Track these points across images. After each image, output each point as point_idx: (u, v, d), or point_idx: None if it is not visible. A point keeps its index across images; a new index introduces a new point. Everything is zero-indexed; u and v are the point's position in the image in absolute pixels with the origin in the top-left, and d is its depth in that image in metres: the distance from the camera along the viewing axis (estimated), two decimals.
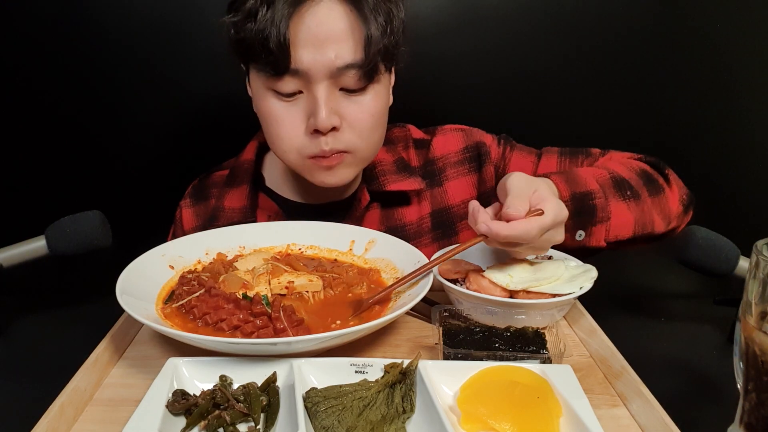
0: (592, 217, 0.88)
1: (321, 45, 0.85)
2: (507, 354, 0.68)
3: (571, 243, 0.89)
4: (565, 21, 1.33)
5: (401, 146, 1.12)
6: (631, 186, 0.93)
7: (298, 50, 0.85)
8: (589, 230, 0.88)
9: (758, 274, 0.53)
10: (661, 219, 0.94)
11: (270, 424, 0.59)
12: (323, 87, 0.88)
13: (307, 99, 0.90)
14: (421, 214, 1.09)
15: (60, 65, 1.34)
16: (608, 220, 0.88)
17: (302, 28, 0.85)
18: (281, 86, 0.89)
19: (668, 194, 0.98)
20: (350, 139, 0.93)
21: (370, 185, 1.06)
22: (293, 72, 0.87)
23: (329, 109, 0.88)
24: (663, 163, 1.02)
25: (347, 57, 0.86)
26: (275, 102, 0.91)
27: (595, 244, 0.89)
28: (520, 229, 0.73)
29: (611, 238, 0.89)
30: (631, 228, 0.91)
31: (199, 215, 1.12)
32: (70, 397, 0.62)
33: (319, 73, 0.87)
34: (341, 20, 0.86)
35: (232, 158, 1.15)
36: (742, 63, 1.36)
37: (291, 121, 0.92)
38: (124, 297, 0.72)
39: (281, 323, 0.72)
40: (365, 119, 0.93)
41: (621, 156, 1.05)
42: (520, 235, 0.74)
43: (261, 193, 1.10)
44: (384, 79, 0.94)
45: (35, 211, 1.40)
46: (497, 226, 0.74)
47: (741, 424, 0.57)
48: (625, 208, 0.91)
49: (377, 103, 0.93)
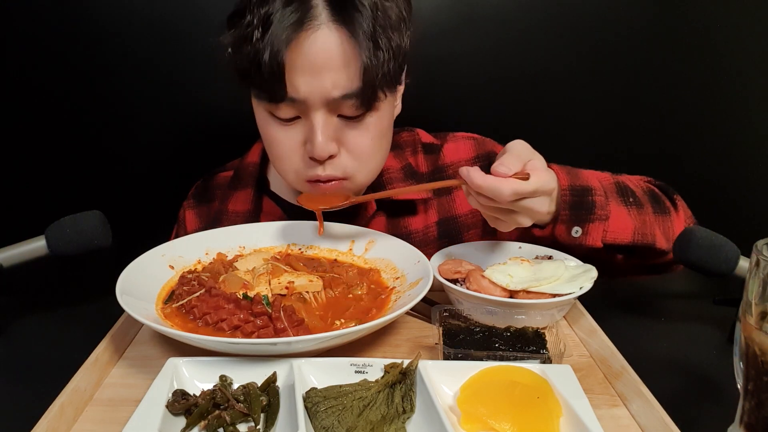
0: (589, 214, 0.87)
1: (317, 73, 0.82)
2: (507, 354, 0.68)
3: (567, 239, 0.88)
4: (566, 22, 1.33)
5: (409, 151, 1.10)
6: (634, 194, 0.92)
7: (294, 78, 0.83)
8: (586, 228, 0.87)
9: (758, 274, 0.53)
10: (664, 238, 0.93)
11: (270, 424, 0.59)
12: (320, 114, 0.86)
13: (304, 124, 0.88)
14: (427, 222, 1.07)
15: (60, 65, 1.34)
16: (606, 220, 0.88)
17: (299, 56, 0.82)
18: (279, 112, 0.87)
19: (674, 218, 0.96)
20: (348, 166, 0.91)
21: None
22: (289, 100, 0.85)
23: (326, 137, 0.86)
24: (672, 189, 1.01)
25: (344, 86, 0.84)
26: (274, 125, 0.90)
27: (591, 243, 0.88)
28: (493, 184, 0.74)
29: (609, 240, 0.88)
30: (630, 233, 0.89)
31: (203, 217, 1.11)
32: (70, 397, 0.62)
33: (316, 102, 0.85)
34: (339, 49, 0.82)
35: (236, 159, 1.14)
36: (741, 63, 1.37)
37: (289, 145, 0.90)
38: (124, 297, 0.72)
39: (281, 323, 0.72)
40: (364, 145, 0.90)
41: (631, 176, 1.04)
42: (491, 188, 0.74)
43: (265, 196, 1.09)
44: (385, 102, 0.90)
45: (35, 211, 1.40)
46: (475, 173, 0.75)
47: (741, 424, 0.57)
48: (626, 213, 0.90)
49: (377, 128, 0.91)
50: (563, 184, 0.87)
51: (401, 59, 0.88)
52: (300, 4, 0.81)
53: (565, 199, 0.86)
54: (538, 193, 0.78)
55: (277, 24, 0.80)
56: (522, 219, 0.82)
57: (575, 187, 0.87)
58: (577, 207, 0.87)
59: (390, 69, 0.85)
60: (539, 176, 0.77)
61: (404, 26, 0.88)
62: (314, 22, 0.81)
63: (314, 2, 0.82)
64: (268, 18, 0.80)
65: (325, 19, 0.82)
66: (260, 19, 0.81)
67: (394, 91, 0.93)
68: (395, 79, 0.90)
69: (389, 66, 0.85)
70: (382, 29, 0.83)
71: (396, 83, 0.92)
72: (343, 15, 0.82)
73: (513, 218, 0.81)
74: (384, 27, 0.83)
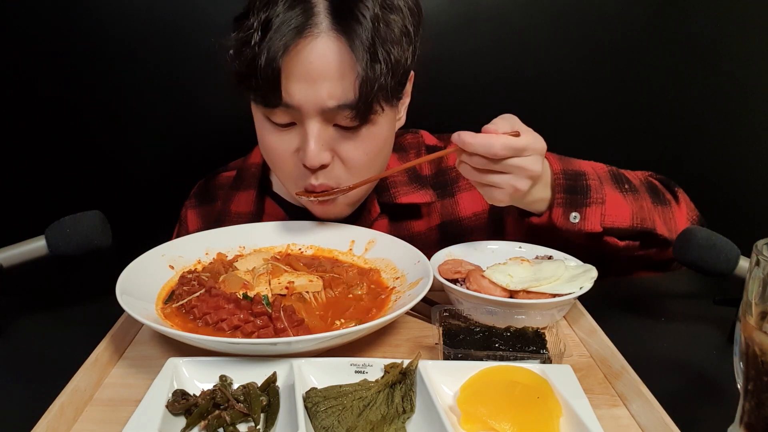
0: (585, 198, 0.87)
1: (314, 82, 0.81)
2: (507, 354, 0.68)
3: (565, 224, 0.88)
4: (566, 22, 1.33)
5: (413, 153, 1.09)
6: (629, 181, 0.93)
7: (290, 85, 0.82)
8: (584, 212, 0.87)
9: (758, 274, 0.53)
10: (666, 227, 0.93)
11: (270, 424, 0.59)
12: (315, 123, 0.85)
13: (299, 131, 0.88)
14: (430, 225, 1.07)
15: (61, 65, 1.34)
16: (603, 204, 0.88)
17: (296, 63, 0.81)
18: (274, 117, 0.87)
19: (674, 209, 0.96)
20: (341, 176, 0.90)
21: (381, 196, 1.04)
22: (285, 106, 0.84)
23: (319, 146, 0.85)
24: (674, 183, 1.01)
25: (339, 97, 0.82)
26: (270, 130, 0.89)
27: (590, 228, 0.88)
28: (484, 140, 0.76)
29: (608, 224, 0.88)
30: (628, 217, 0.89)
31: (205, 217, 1.11)
32: (70, 397, 0.62)
33: (311, 110, 0.83)
34: (336, 58, 0.81)
35: (238, 159, 1.14)
36: (741, 64, 1.36)
37: (284, 151, 0.90)
38: (124, 297, 0.72)
39: (281, 323, 0.72)
40: (359, 157, 0.89)
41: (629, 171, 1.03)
42: (483, 144, 0.76)
43: (268, 198, 1.09)
44: (383, 115, 0.88)
45: (35, 211, 1.41)
46: (466, 134, 0.77)
47: (741, 424, 0.57)
48: (621, 198, 0.90)
49: (373, 140, 0.89)
50: (555, 169, 0.87)
51: (401, 74, 0.87)
52: (303, 10, 0.81)
53: (559, 182, 0.87)
54: (529, 151, 0.79)
55: (276, 29, 0.80)
56: (516, 181, 0.81)
57: (568, 171, 0.87)
58: (571, 190, 0.87)
59: (387, 83, 0.83)
60: (528, 135, 0.79)
61: (407, 40, 0.86)
62: (314, 30, 0.81)
63: (317, 9, 0.81)
64: (269, 22, 0.80)
65: (325, 27, 0.81)
66: (261, 23, 0.80)
67: (393, 105, 0.91)
68: (394, 93, 0.88)
69: (386, 80, 0.83)
70: (381, 42, 0.82)
71: (396, 97, 0.90)
72: (343, 25, 0.81)
73: (507, 182, 0.81)
74: (384, 40, 0.82)
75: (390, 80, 0.84)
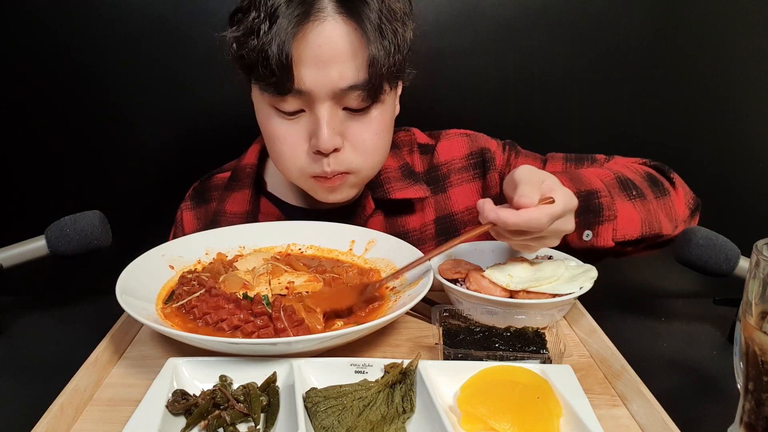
0: (598, 216, 0.87)
1: (324, 65, 0.83)
2: (507, 354, 0.68)
3: (578, 243, 0.88)
4: (566, 20, 1.33)
5: (406, 151, 1.11)
6: (636, 186, 0.93)
7: (301, 70, 0.83)
8: (596, 230, 0.87)
9: (758, 274, 0.53)
10: (668, 221, 0.94)
11: (270, 424, 0.59)
12: (326, 107, 0.86)
13: (309, 118, 0.89)
14: (424, 220, 1.08)
15: (61, 65, 1.34)
16: (615, 219, 0.88)
17: (305, 48, 0.83)
18: (283, 105, 0.88)
19: (674, 197, 0.97)
20: (352, 160, 0.92)
21: (375, 192, 1.05)
22: (296, 92, 0.85)
23: (331, 129, 0.87)
24: (668, 168, 1.02)
25: (350, 78, 0.84)
26: (277, 120, 0.90)
27: (602, 244, 0.88)
28: (529, 217, 0.72)
29: (619, 238, 0.88)
30: (638, 227, 0.89)
31: (200, 218, 1.12)
32: (70, 397, 0.62)
33: (322, 94, 0.85)
34: (345, 40, 0.83)
35: (233, 160, 1.14)
36: (741, 64, 1.36)
37: (293, 140, 0.90)
38: (124, 297, 0.72)
39: (281, 323, 0.72)
40: (369, 139, 0.91)
41: (625, 160, 1.04)
42: (529, 222, 0.72)
43: (263, 197, 1.09)
44: (389, 96, 0.92)
45: (35, 211, 1.41)
46: (506, 213, 0.72)
47: (741, 424, 0.57)
48: (631, 207, 0.90)
49: (381, 121, 0.92)
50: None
51: (406, 52, 0.89)
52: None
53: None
54: (566, 213, 0.77)
55: (283, 16, 0.81)
56: (551, 241, 0.81)
57: (581, 193, 0.86)
58: (585, 212, 0.86)
59: (396, 61, 0.86)
60: (561, 195, 0.75)
61: (408, 20, 0.89)
62: (320, 14, 0.82)
63: None
64: (275, 11, 0.81)
65: (331, 11, 0.83)
66: (267, 12, 0.82)
67: (396, 85, 0.94)
68: (400, 72, 0.91)
69: (395, 58, 0.86)
70: (388, 21, 0.84)
71: (400, 77, 0.93)
72: (349, 7, 0.83)
73: (543, 243, 0.80)
74: (390, 19, 0.85)
75: (398, 58, 0.86)
